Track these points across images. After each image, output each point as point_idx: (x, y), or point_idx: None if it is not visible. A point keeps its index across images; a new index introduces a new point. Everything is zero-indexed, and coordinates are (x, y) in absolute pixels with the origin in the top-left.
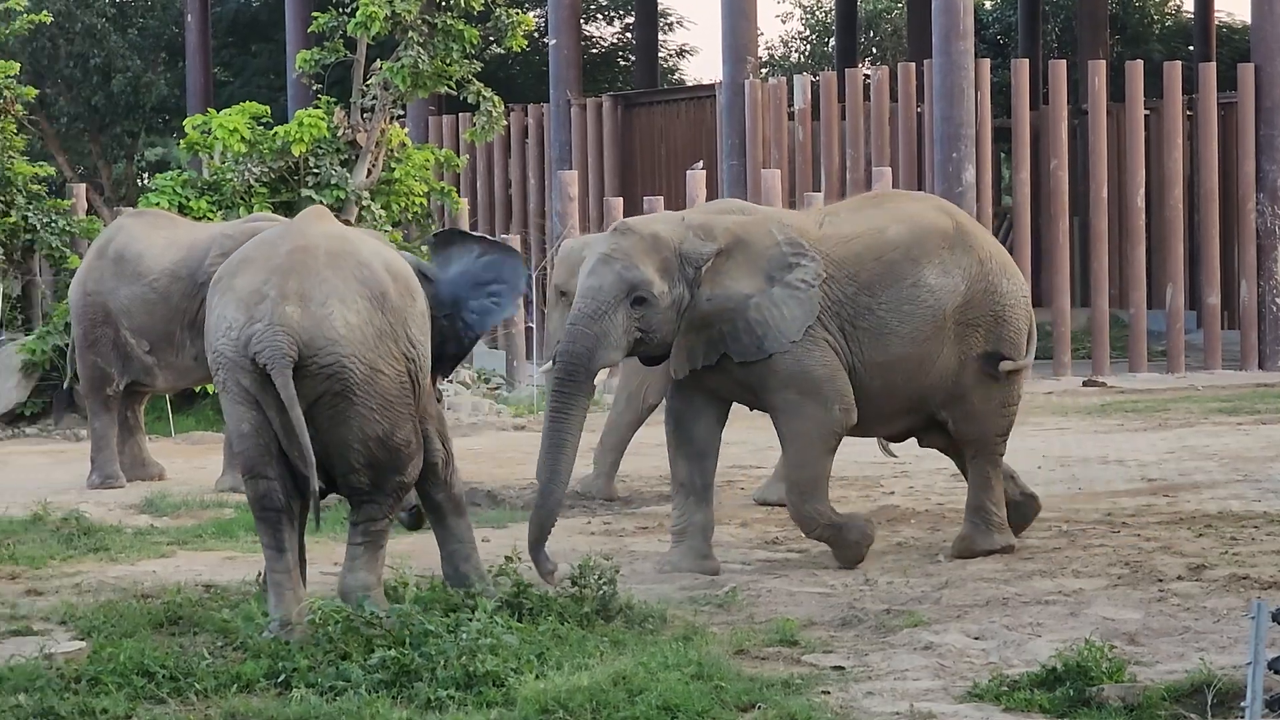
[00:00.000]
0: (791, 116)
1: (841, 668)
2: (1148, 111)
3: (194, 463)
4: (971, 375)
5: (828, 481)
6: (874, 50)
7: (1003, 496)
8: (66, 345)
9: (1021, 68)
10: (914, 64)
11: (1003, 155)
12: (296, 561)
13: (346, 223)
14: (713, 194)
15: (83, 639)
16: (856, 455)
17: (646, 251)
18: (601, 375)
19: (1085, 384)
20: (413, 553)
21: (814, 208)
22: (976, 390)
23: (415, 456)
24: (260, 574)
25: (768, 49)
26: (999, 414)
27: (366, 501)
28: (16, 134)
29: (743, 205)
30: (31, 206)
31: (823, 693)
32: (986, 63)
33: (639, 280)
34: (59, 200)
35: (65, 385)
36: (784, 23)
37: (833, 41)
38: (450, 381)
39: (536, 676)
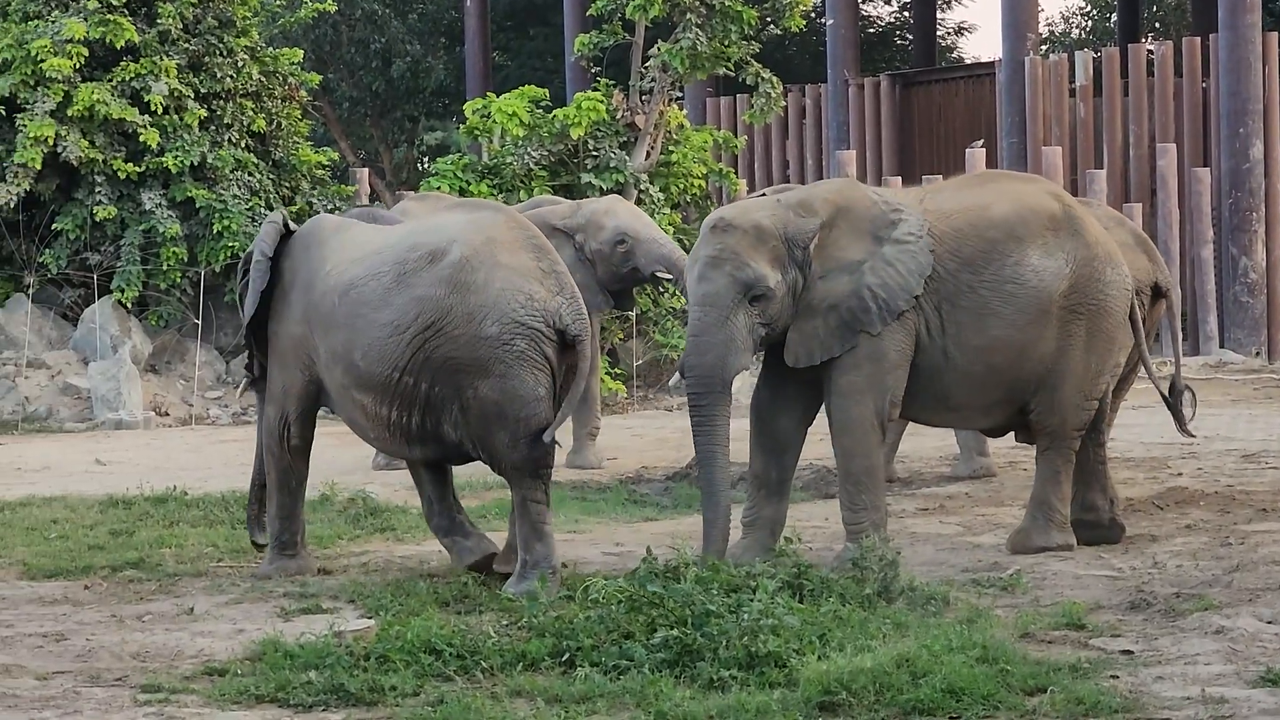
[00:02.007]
0: (1073, 93)
1: (1130, 652)
2: None
3: None
4: (1062, 365)
5: (883, 474)
6: (1157, 25)
7: (1069, 494)
8: None
9: None
10: (1199, 38)
11: None
12: None
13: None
14: None
15: (371, 617)
16: (1142, 435)
17: (753, 245)
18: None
19: None
20: (693, 534)
21: (916, 186)
22: (1065, 382)
23: None
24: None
25: (1048, 25)
26: (1081, 409)
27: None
28: (300, 120)
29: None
30: (316, 192)
31: (1111, 677)
32: (1275, 36)
33: (753, 278)
34: (342, 186)
35: None
36: None
37: (1115, 16)
38: None
39: (819, 658)
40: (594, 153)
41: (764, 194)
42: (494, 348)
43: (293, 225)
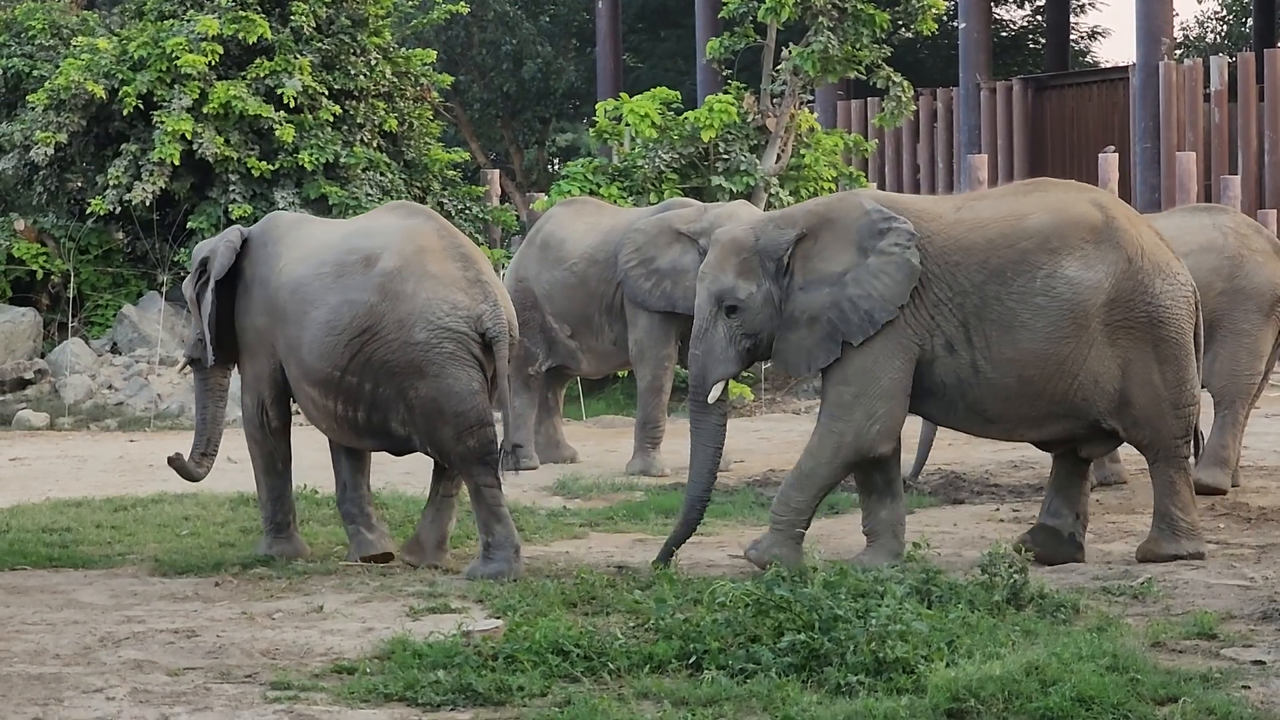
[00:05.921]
0: (1207, 98)
1: (1262, 662)
2: None
3: (605, 446)
4: (1131, 380)
5: (828, 491)
6: None
7: (1191, 501)
8: None
9: None
10: None
11: None
12: None
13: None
14: (1125, 177)
15: (499, 617)
16: (1276, 444)
17: (725, 259)
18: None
19: None
20: (822, 537)
21: (956, 195)
22: (1140, 395)
23: None
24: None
25: (1183, 29)
26: (1172, 416)
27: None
28: (432, 120)
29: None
30: (446, 192)
31: (1243, 688)
32: None
33: (721, 289)
34: (473, 186)
35: None
36: (1200, 2)
37: (1250, 21)
38: None
39: (947, 664)
40: (724, 156)
41: None
42: (424, 351)
43: (245, 232)
